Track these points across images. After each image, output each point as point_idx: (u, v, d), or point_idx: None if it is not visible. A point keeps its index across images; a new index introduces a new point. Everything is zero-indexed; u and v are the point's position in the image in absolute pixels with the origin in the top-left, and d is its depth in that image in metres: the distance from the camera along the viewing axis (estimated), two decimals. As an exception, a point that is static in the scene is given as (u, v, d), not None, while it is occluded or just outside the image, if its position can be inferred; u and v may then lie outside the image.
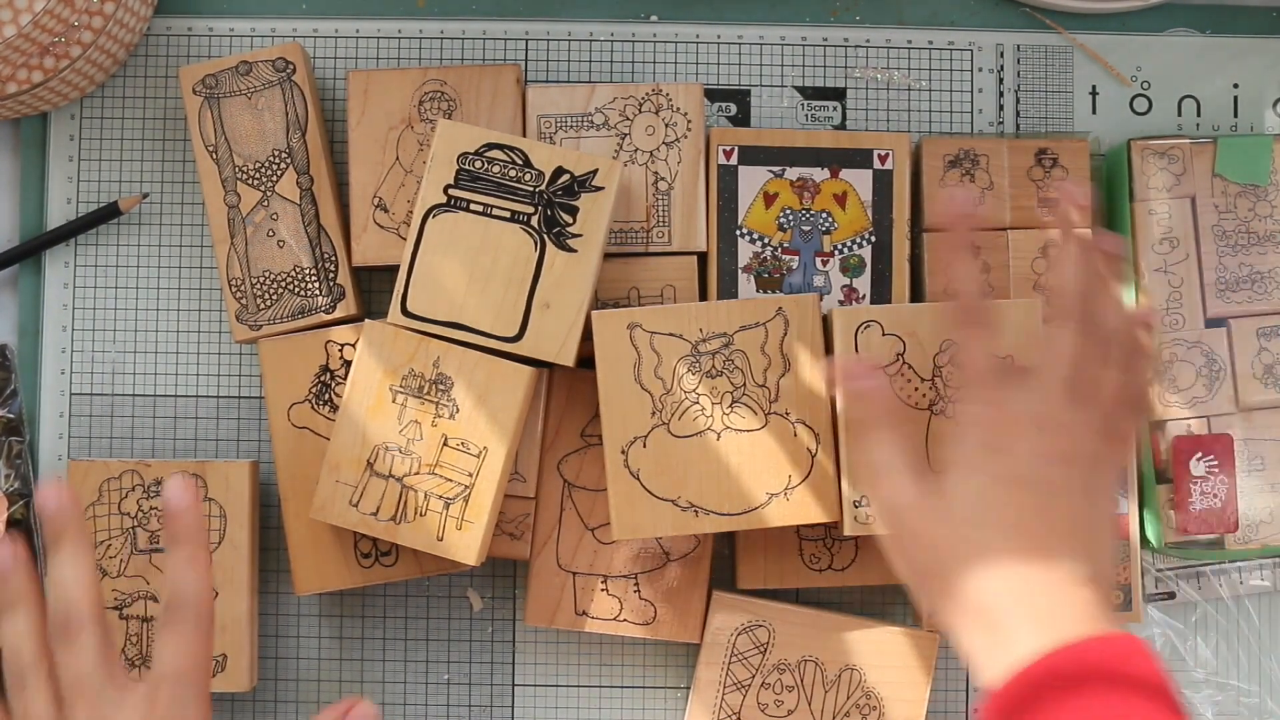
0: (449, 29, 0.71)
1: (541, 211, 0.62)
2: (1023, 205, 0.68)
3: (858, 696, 0.66)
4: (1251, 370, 0.67)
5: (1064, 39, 0.72)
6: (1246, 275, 0.68)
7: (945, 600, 0.55)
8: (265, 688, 0.70)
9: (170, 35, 0.71)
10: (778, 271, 0.67)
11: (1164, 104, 0.72)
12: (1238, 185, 0.68)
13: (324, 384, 0.66)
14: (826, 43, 0.71)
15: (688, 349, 0.61)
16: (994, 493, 0.54)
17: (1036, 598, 0.53)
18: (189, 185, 0.71)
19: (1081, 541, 0.55)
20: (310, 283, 0.66)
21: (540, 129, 0.66)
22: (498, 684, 0.70)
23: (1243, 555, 0.69)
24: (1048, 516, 0.54)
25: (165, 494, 0.52)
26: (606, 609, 0.66)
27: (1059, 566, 0.53)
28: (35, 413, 0.70)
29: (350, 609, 0.70)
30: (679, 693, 0.70)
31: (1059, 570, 0.53)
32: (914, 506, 0.56)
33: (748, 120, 0.71)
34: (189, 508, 0.52)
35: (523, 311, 0.61)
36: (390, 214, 0.66)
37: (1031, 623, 0.52)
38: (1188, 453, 0.67)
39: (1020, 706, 0.51)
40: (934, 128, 0.71)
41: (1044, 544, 0.54)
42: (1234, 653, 0.70)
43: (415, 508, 0.61)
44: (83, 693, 0.50)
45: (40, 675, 0.51)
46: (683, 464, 0.61)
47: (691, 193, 0.66)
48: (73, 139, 0.70)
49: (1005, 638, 0.52)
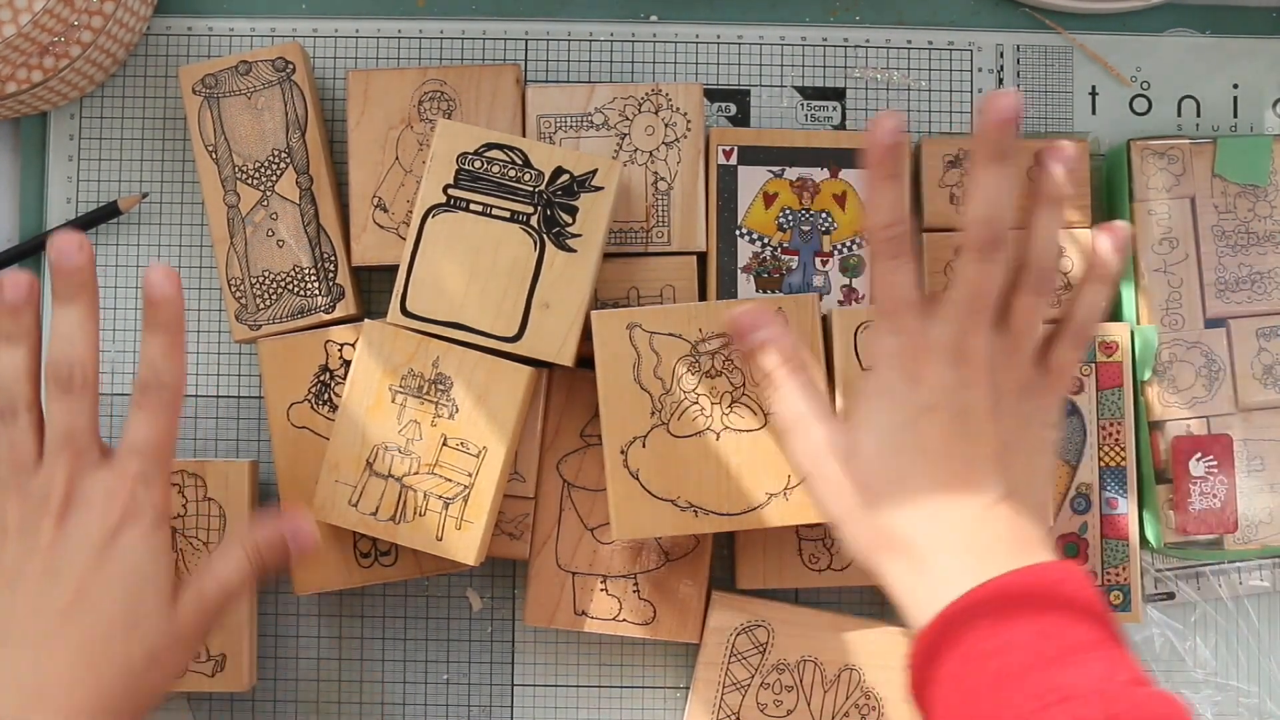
0: (449, 29, 0.71)
1: (541, 211, 0.62)
2: (1022, 205, 0.67)
3: (857, 696, 0.66)
4: (1251, 370, 0.67)
5: (1064, 39, 0.72)
6: (1246, 275, 0.68)
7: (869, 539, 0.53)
8: (265, 688, 0.70)
9: (170, 35, 0.71)
10: (777, 271, 0.67)
11: (1164, 104, 0.72)
12: (1237, 185, 0.68)
13: (323, 384, 0.66)
14: (826, 43, 0.71)
15: (687, 349, 0.61)
16: (909, 423, 0.53)
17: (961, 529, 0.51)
18: (189, 185, 0.71)
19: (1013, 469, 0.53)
20: (310, 283, 0.66)
21: (540, 129, 0.66)
22: (497, 684, 0.70)
23: (1242, 556, 0.69)
24: (968, 444, 0.52)
25: (149, 280, 0.52)
26: (606, 609, 0.66)
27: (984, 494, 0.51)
28: (35, 412, 0.70)
29: (350, 609, 0.70)
30: (678, 693, 0.70)
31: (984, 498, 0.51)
32: (829, 447, 0.54)
33: (747, 120, 0.71)
34: (172, 298, 0.52)
35: (522, 311, 0.61)
36: (390, 214, 0.66)
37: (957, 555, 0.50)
38: (1187, 453, 0.67)
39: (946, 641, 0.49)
40: (934, 128, 0.71)
41: (966, 472, 0.52)
42: (1233, 653, 0.70)
43: (415, 508, 0.61)
44: (70, 446, 0.51)
45: (30, 416, 0.52)
46: (682, 464, 0.61)
47: (691, 193, 0.66)
48: (73, 139, 0.71)
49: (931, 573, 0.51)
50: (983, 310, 0.54)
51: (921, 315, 0.54)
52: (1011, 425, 0.53)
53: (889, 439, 0.53)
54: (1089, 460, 0.66)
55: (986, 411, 0.53)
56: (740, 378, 0.61)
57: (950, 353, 0.53)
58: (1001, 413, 0.53)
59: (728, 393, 0.61)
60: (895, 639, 0.66)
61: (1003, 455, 0.53)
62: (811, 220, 0.67)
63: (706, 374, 0.61)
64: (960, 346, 0.53)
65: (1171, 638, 0.70)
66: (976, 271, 0.54)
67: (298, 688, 0.70)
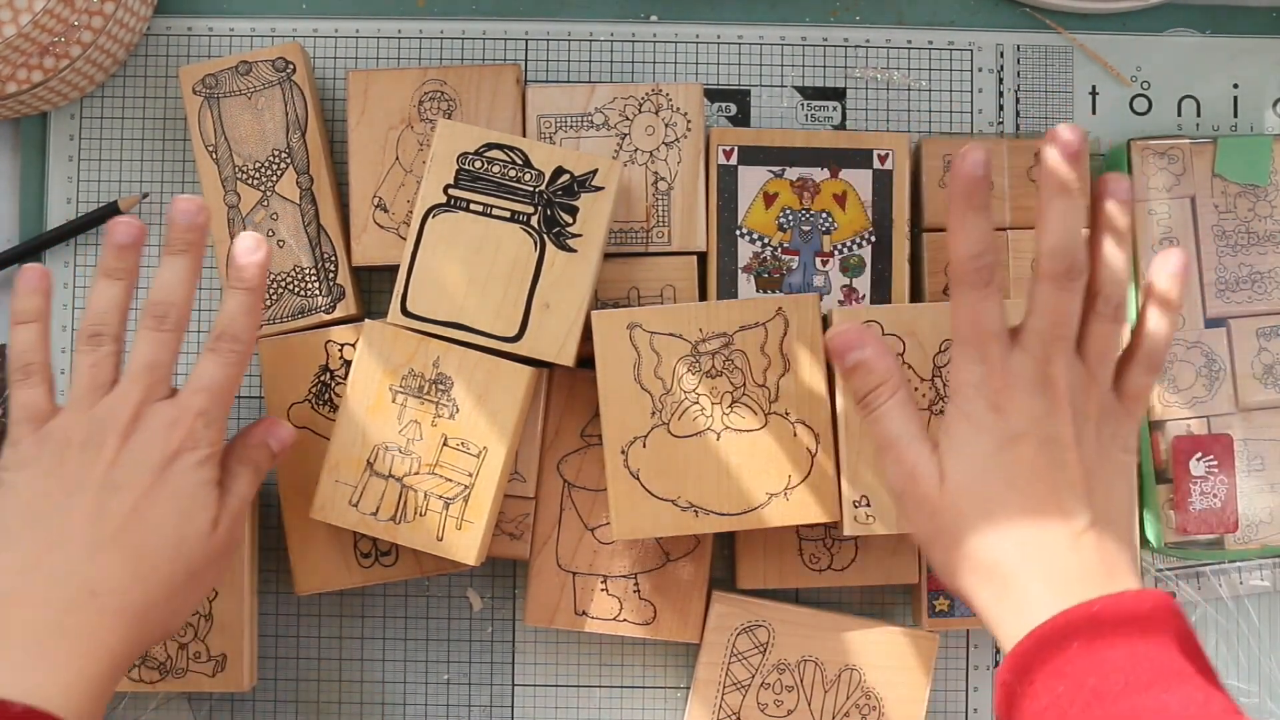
0: (449, 29, 0.71)
1: (541, 211, 0.62)
2: (1023, 205, 0.68)
3: (857, 696, 0.66)
4: (1251, 370, 0.67)
5: (1064, 39, 0.72)
6: (1246, 275, 0.68)
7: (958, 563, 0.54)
8: (265, 688, 0.70)
9: (170, 35, 0.71)
10: (777, 271, 0.67)
11: (1164, 104, 0.72)
12: (1237, 185, 0.68)
13: (324, 384, 0.66)
14: (826, 43, 0.71)
15: (688, 349, 0.61)
16: (997, 451, 0.54)
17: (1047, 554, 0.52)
18: (189, 185, 0.71)
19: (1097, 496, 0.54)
20: (310, 283, 0.66)
21: (540, 129, 0.66)
22: (498, 684, 0.70)
23: (1242, 555, 0.69)
24: (1054, 472, 0.53)
25: (236, 246, 0.58)
26: (606, 609, 0.66)
27: (1072, 522, 0.53)
28: (35, 413, 0.70)
29: (350, 609, 0.70)
30: (679, 693, 0.70)
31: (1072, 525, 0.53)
32: (921, 470, 0.55)
33: (747, 120, 0.71)
34: (258, 263, 0.58)
35: (523, 311, 0.61)
36: (390, 214, 0.66)
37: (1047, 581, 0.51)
38: (1187, 453, 0.67)
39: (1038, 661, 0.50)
40: (934, 128, 0.71)
41: (1053, 499, 0.53)
42: (1234, 653, 0.70)
43: (415, 507, 0.61)
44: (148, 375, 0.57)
45: (114, 347, 0.58)
46: (682, 464, 0.61)
47: (691, 193, 0.66)
48: (73, 139, 0.71)
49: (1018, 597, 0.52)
50: (1063, 339, 0.54)
51: (1005, 345, 0.55)
52: (1094, 452, 0.54)
53: (977, 466, 0.54)
54: (1089, 460, 0.66)
55: (1070, 439, 0.54)
56: (740, 378, 0.61)
57: (1034, 382, 0.54)
58: (1084, 440, 0.54)
59: (728, 393, 0.61)
60: (895, 639, 0.66)
61: (1088, 482, 0.54)
62: (812, 220, 0.67)
63: (707, 374, 0.61)
64: (1043, 375, 0.54)
65: (1172, 637, 0.70)
66: (1055, 301, 0.54)
67: (298, 688, 0.70)
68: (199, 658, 0.65)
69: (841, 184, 0.67)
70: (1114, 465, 0.55)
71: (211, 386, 0.57)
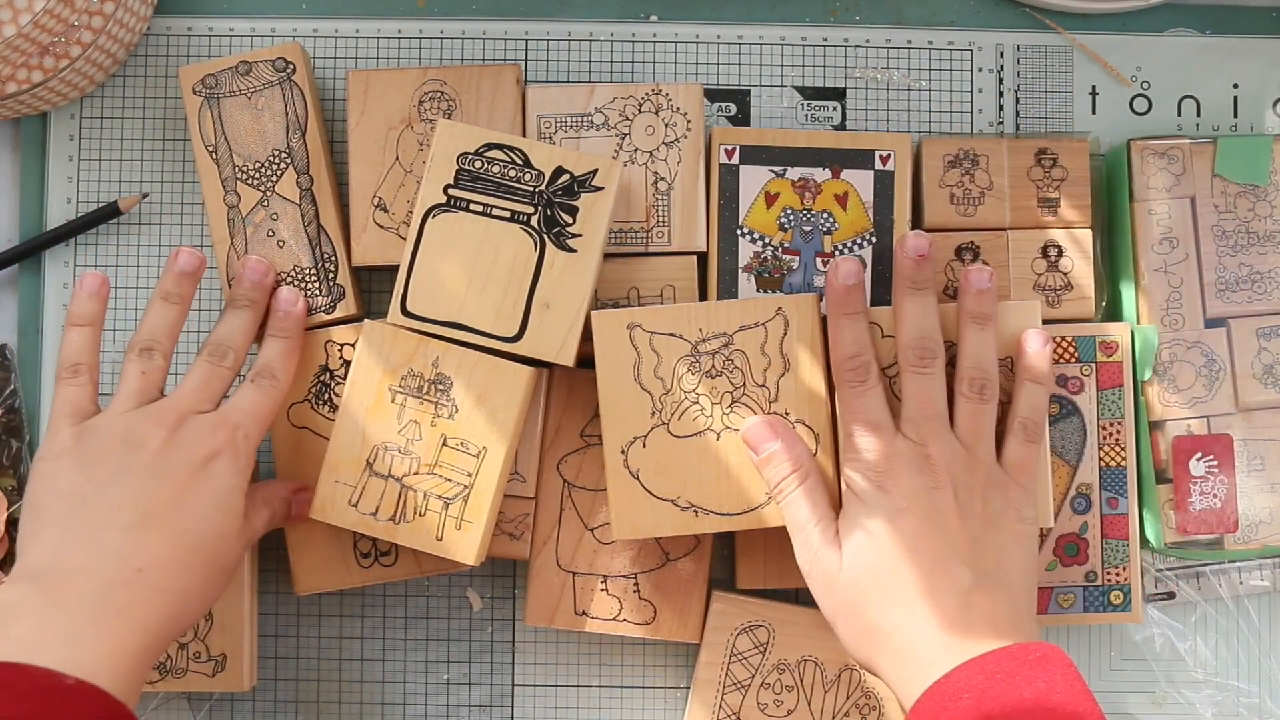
0: (449, 29, 0.71)
1: (541, 211, 0.62)
2: (1022, 205, 0.68)
3: (857, 696, 0.66)
4: (1251, 370, 0.67)
5: (1064, 39, 0.72)
6: (1246, 275, 0.68)
7: (859, 635, 0.58)
8: (265, 688, 0.70)
9: (170, 35, 0.71)
10: (778, 271, 0.67)
11: (1164, 104, 0.72)
12: (1238, 185, 0.68)
13: (323, 384, 0.66)
14: (826, 43, 0.71)
15: (688, 349, 0.61)
16: (886, 526, 0.57)
17: (938, 617, 0.55)
18: (189, 185, 0.71)
19: (984, 561, 0.57)
20: (310, 283, 0.66)
21: (540, 129, 0.66)
22: (498, 684, 0.70)
23: (1242, 555, 0.69)
24: (938, 540, 0.57)
25: (280, 296, 0.65)
26: (606, 609, 0.66)
27: (957, 584, 0.56)
28: (35, 413, 0.70)
29: (350, 609, 0.70)
30: (679, 693, 0.70)
31: (957, 587, 0.56)
32: (823, 551, 0.58)
33: (747, 120, 0.71)
34: (298, 316, 0.64)
35: (522, 311, 0.61)
36: (390, 214, 0.66)
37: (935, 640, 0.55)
38: (1187, 453, 0.67)
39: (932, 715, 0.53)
40: (934, 128, 0.71)
41: (938, 565, 0.56)
42: (1234, 653, 0.70)
43: (415, 508, 0.61)
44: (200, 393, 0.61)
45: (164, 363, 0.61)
46: (682, 464, 0.61)
47: (691, 193, 0.66)
48: (73, 139, 0.71)
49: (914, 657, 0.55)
50: (934, 418, 0.59)
51: (888, 431, 0.59)
52: (979, 521, 0.58)
53: (870, 543, 0.58)
54: (1089, 460, 0.66)
55: (953, 510, 0.58)
56: (740, 378, 0.61)
57: (913, 461, 0.58)
58: (969, 511, 0.58)
59: (728, 393, 0.61)
60: (895, 639, 0.66)
61: (974, 548, 0.57)
62: (813, 220, 0.67)
63: (707, 374, 0.61)
64: (922, 455, 0.59)
65: (1172, 638, 0.70)
66: (919, 386, 0.60)
67: (298, 688, 0.70)
68: (199, 658, 0.65)
69: (843, 184, 0.67)
70: (1006, 533, 0.59)
71: (250, 409, 0.61)
